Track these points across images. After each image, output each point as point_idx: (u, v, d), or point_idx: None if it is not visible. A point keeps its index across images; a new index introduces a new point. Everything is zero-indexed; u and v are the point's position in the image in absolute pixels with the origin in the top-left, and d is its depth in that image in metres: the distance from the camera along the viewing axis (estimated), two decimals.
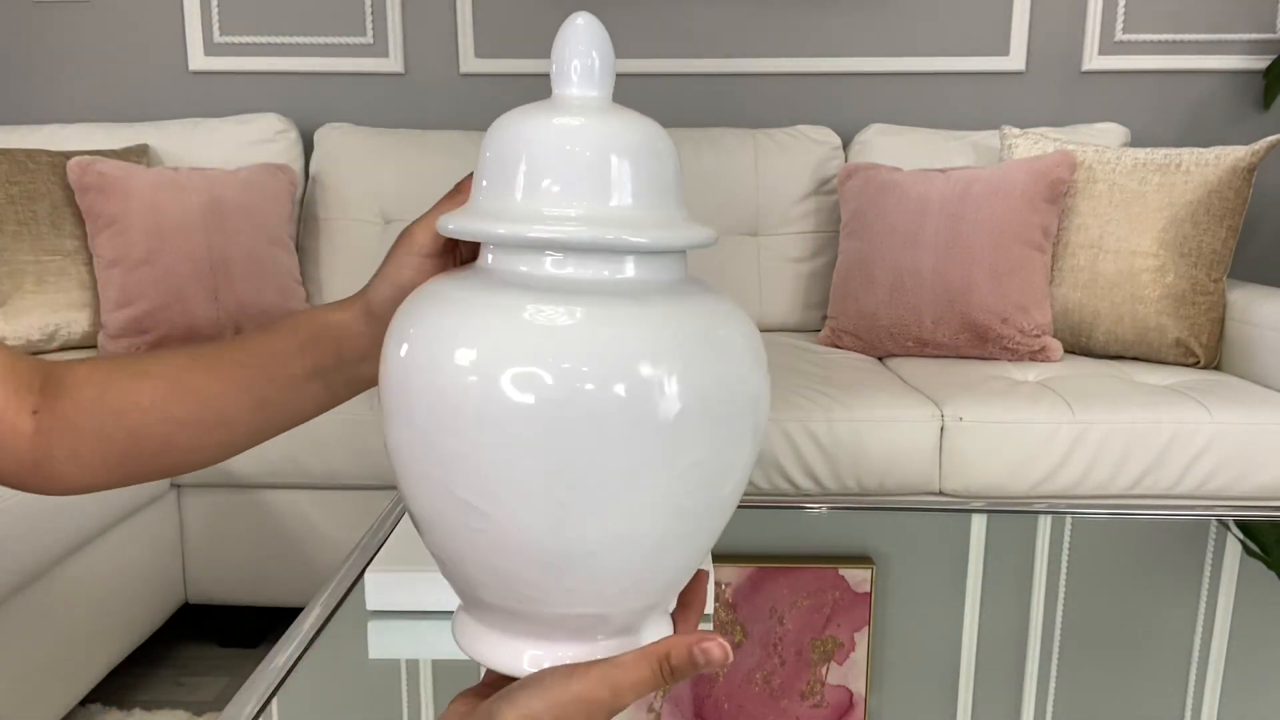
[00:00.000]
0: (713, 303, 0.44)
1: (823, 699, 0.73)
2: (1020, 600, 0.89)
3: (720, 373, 0.42)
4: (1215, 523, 1.09)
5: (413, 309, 0.44)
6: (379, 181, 2.19)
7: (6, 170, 1.92)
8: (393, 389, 0.44)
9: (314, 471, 1.64)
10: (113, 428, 0.56)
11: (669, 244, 0.43)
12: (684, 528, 0.43)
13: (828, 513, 1.13)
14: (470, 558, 0.44)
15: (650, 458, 0.40)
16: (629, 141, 0.44)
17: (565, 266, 0.43)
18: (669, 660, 0.44)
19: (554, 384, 0.39)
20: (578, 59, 0.45)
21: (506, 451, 0.40)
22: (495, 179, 0.44)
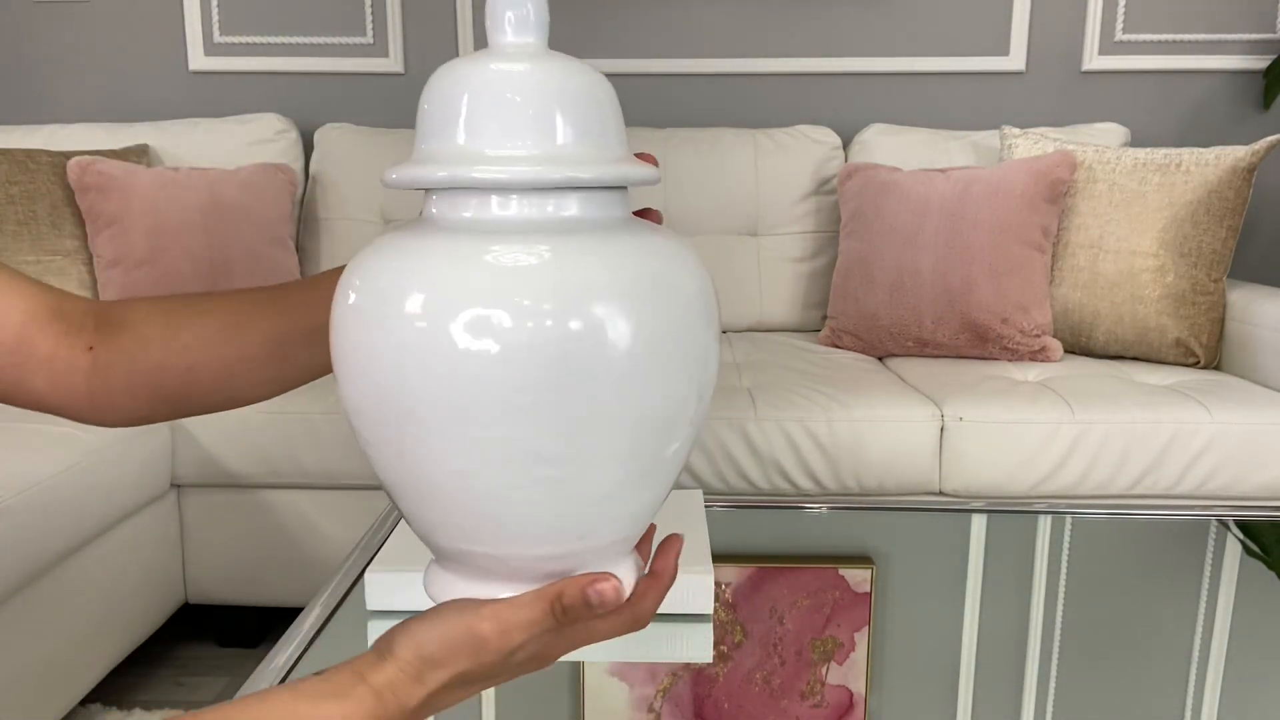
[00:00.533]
0: (671, 245, 0.45)
1: (823, 699, 0.73)
2: (1020, 600, 0.89)
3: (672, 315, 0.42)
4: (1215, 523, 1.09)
5: (361, 260, 0.44)
6: (379, 181, 2.19)
7: (6, 170, 1.92)
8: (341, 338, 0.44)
9: (314, 471, 1.64)
10: (174, 360, 0.59)
11: (616, 178, 0.43)
12: (628, 469, 0.43)
13: (828, 513, 1.13)
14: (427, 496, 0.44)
15: (603, 392, 0.41)
16: (568, 84, 0.44)
17: (509, 207, 0.43)
18: (561, 600, 0.44)
19: (514, 323, 0.39)
20: (511, 9, 0.45)
21: (462, 389, 0.40)
22: (435, 127, 0.44)
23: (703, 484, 1.60)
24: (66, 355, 0.58)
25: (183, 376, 0.60)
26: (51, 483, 1.37)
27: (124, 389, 0.59)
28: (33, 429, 1.47)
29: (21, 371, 0.57)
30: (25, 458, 1.37)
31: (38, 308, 0.58)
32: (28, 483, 1.33)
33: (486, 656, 0.44)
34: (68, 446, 1.43)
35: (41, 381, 0.58)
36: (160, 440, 1.62)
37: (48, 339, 0.57)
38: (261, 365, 0.60)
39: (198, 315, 0.60)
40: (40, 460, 1.38)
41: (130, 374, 0.59)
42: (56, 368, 0.58)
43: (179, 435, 1.64)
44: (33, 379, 0.57)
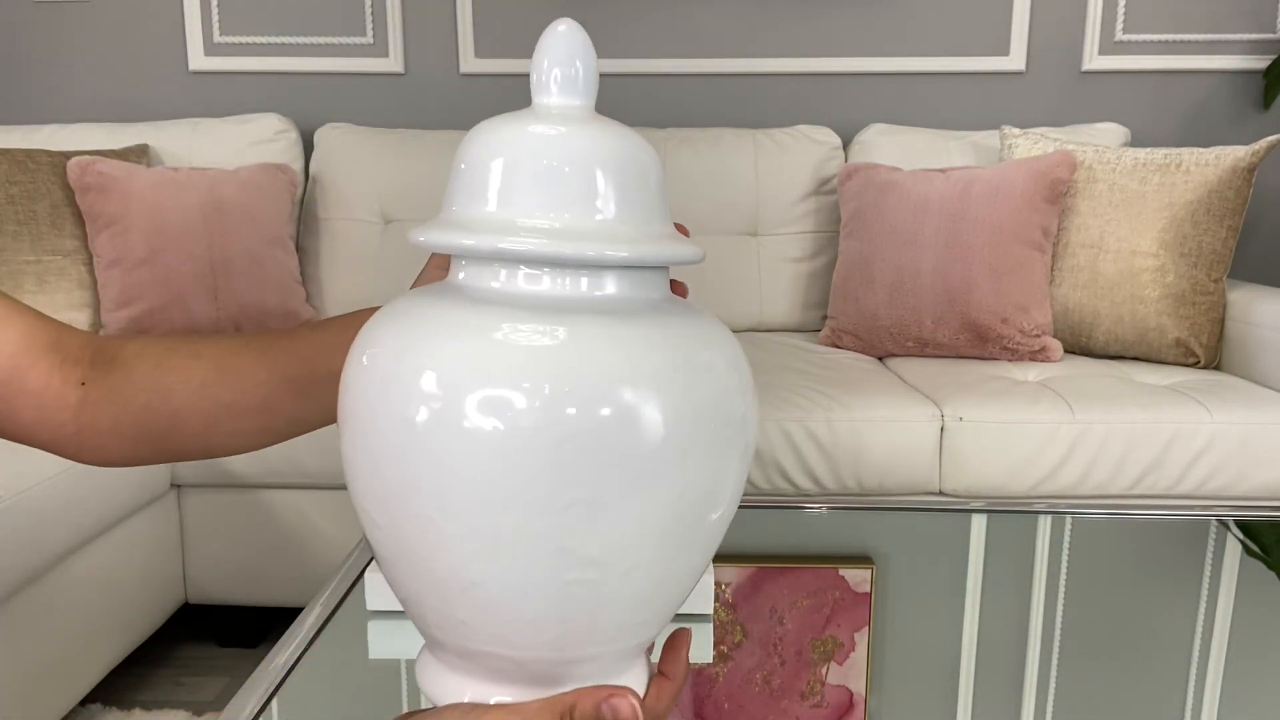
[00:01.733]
0: (698, 323, 0.42)
1: (823, 699, 0.73)
2: (1020, 600, 0.89)
3: (706, 397, 0.39)
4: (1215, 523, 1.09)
5: (378, 323, 0.42)
6: (379, 181, 2.19)
7: (6, 170, 1.92)
8: (349, 404, 0.42)
9: (314, 471, 1.64)
10: (159, 404, 0.58)
11: (653, 259, 0.40)
12: (655, 561, 0.40)
13: (828, 513, 1.13)
14: (427, 587, 0.41)
15: (627, 485, 0.37)
16: (611, 153, 0.41)
17: (540, 282, 0.40)
18: (572, 713, 0.41)
19: (533, 408, 0.36)
20: (559, 68, 0.42)
21: (472, 479, 0.37)
22: (468, 189, 0.41)
23: None
24: (58, 389, 0.57)
25: (169, 421, 0.59)
26: (51, 483, 1.37)
27: (111, 428, 0.59)
28: None
29: (11, 403, 0.57)
30: (25, 458, 1.37)
31: (33, 340, 0.57)
32: (28, 483, 1.33)
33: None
34: None
35: (30, 414, 0.57)
36: None
37: (40, 372, 0.57)
38: (247, 416, 0.60)
39: (188, 359, 0.60)
40: (40, 460, 1.38)
41: (118, 414, 0.58)
42: (46, 401, 0.57)
43: None
44: (21, 411, 0.57)
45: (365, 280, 2.17)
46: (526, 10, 2.35)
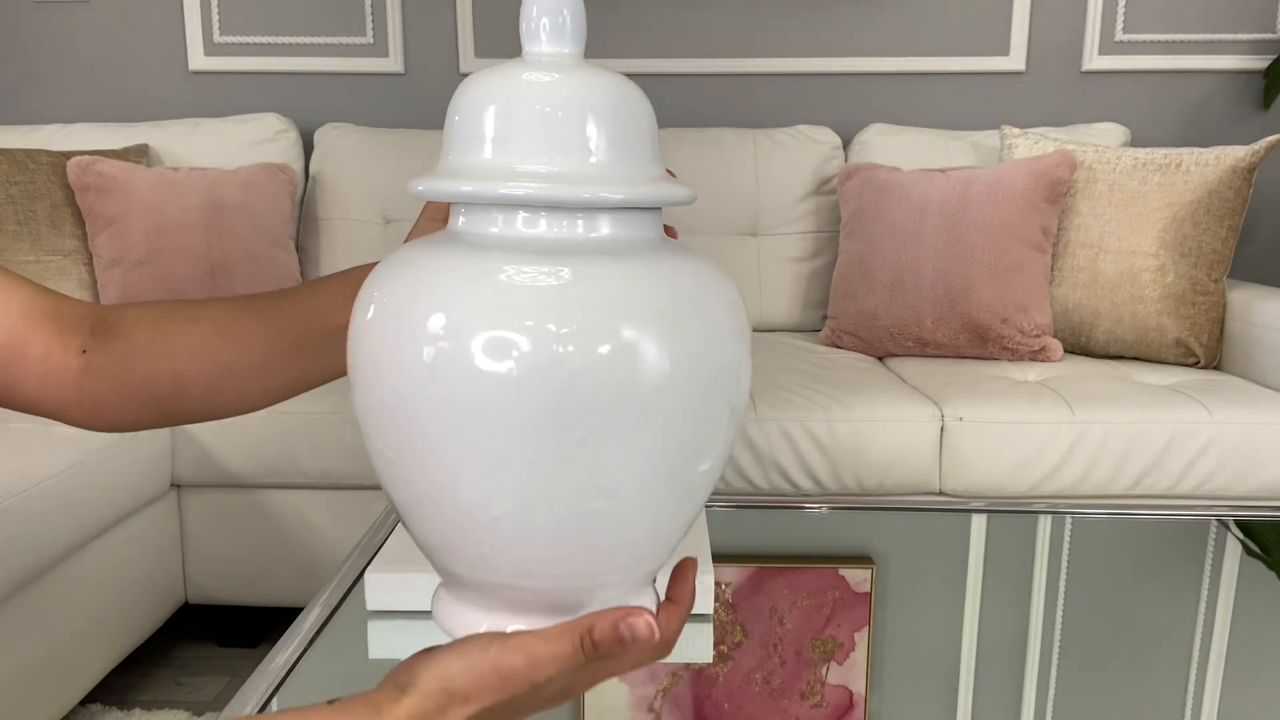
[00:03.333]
0: (695, 263, 0.43)
1: (823, 699, 0.73)
2: (1020, 600, 0.89)
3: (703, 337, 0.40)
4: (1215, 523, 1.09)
5: (383, 272, 0.43)
6: (379, 181, 2.19)
7: (6, 170, 1.92)
8: (359, 352, 0.42)
9: (314, 471, 1.64)
10: (161, 368, 0.59)
11: (648, 200, 0.41)
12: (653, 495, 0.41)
13: (828, 513, 1.13)
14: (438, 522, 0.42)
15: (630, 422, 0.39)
16: (603, 97, 0.42)
17: (538, 225, 0.41)
18: (592, 635, 0.42)
19: (536, 347, 0.37)
20: (547, 16, 0.43)
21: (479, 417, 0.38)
22: (464, 138, 0.42)
23: None
24: (59, 357, 0.58)
25: (170, 385, 0.60)
26: (51, 483, 1.37)
27: (114, 393, 0.59)
28: (33, 429, 1.47)
29: (13, 372, 0.57)
30: (25, 458, 1.38)
31: (33, 309, 0.58)
32: (28, 483, 1.33)
33: (514, 690, 0.42)
34: (68, 446, 1.43)
35: (32, 382, 0.58)
36: (160, 440, 1.62)
37: (41, 340, 0.58)
38: (248, 376, 0.60)
39: (187, 323, 0.60)
40: (40, 460, 1.38)
41: (121, 379, 0.59)
42: (48, 369, 0.58)
43: (179, 435, 1.64)
44: (24, 380, 0.58)
45: None
46: None
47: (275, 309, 0.61)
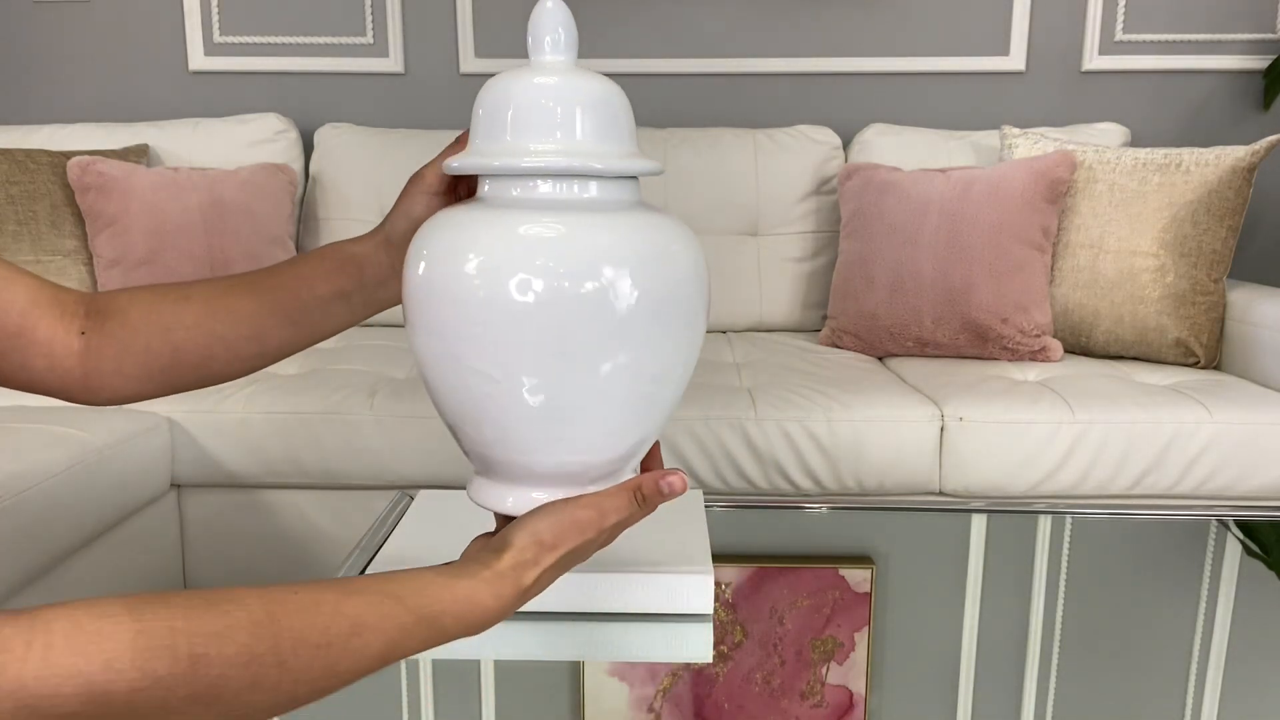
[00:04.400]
0: (667, 222, 0.58)
1: (823, 699, 0.73)
2: (1020, 600, 0.89)
3: (666, 276, 0.55)
4: (1215, 523, 1.09)
5: (427, 232, 0.57)
6: (379, 181, 2.19)
7: (6, 170, 1.92)
8: (416, 297, 0.56)
9: (314, 471, 1.64)
10: (159, 343, 0.65)
11: (622, 170, 0.56)
12: (640, 397, 0.56)
13: (828, 513, 1.13)
14: (483, 419, 0.56)
15: (612, 339, 0.53)
16: (592, 94, 0.57)
17: (545, 189, 0.56)
18: (641, 490, 0.58)
19: (543, 282, 0.52)
20: (549, 34, 0.58)
21: (508, 334, 0.53)
22: (488, 127, 0.57)
23: (703, 484, 1.60)
24: (62, 339, 0.63)
25: (170, 356, 0.66)
26: (51, 483, 1.37)
27: (114, 370, 0.65)
28: (33, 429, 1.47)
29: (23, 355, 0.63)
30: (25, 458, 1.38)
31: (37, 296, 0.63)
32: (28, 483, 1.33)
33: (587, 535, 0.55)
34: (68, 446, 1.43)
35: (41, 363, 0.63)
36: (160, 440, 1.62)
37: (46, 325, 0.63)
38: (241, 344, 0.67)
39: (180, 300, 0.66)
40: (40, 460, 1.38)
41: (120, 356, 0.65)
42: (54, 350, 0.63)
43: (179, 435, 1.64)
44: (33, 361, 0.63)
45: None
46: (526, 10, 2.35)
47: (262, 282, 0.67)
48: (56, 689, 0.40)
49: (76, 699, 0.40)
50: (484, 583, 0.53)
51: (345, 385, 1.67)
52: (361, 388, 1.67)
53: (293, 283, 0.67)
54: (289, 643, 0.47)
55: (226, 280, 0.68)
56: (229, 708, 0.45)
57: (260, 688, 0.46)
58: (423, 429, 1.61)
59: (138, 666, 0.42)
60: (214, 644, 0.44)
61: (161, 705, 0.42)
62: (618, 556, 0.84)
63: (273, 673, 0.46)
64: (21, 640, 0.40)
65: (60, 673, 0.40)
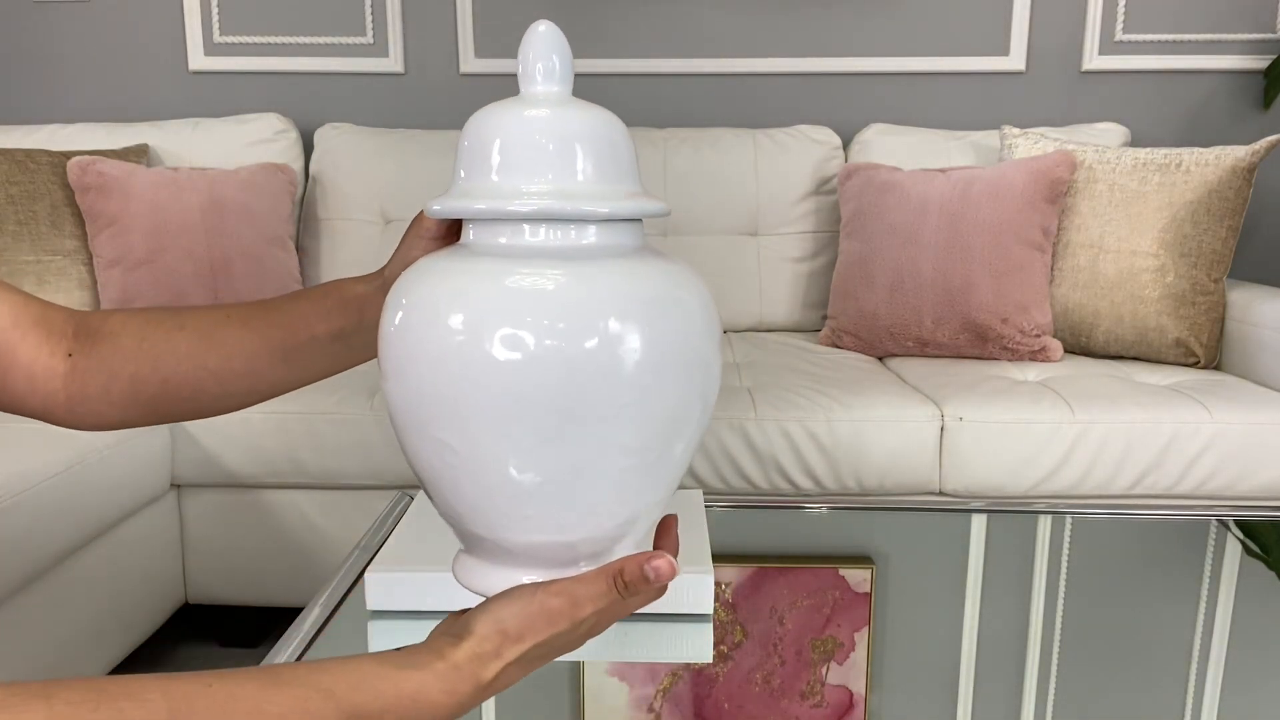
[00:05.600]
0: (675, 269, 0.50)
1: (823, 699, 0.73)
2: (1020, 600, 0.89)
3: (677, 330, 0.48)
4: (1215, 523, 1.09)
5: (407, 281, 0.50)
6: (379, 181, 2.19)
7: (6, 170, 1.92)
8: (390, 349, 0.49)
9: (314, 471, 1.64)
10: (148, 372, 0.63)
11: (625, 213, 0.49)
12: (636, 467, 0.49)
13: (828, 513, 1.13)
14: (455, 490, 0.50)
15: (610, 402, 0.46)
16: (588, 128, 0.50)
17: (538, 235, 0.49)
18: (623, 575, 0.49)
19: (533, 339, 0.45)
20: (541, 61, 0.51)
21: (493, 397, 0.46)
22: (473, 164, 0.51)
23: (703, 484, 1.60)
24: (46, 361, 0.61)
25: (158, 386, 0.63)
26: (51, 483, 1.37)
27: (100, 395, 0.62)
28: (33, 429, 1.47)
29: (4, 376, 0.61)
30: (25, 458, 1.37)
31: (21, 315, 0.61)
32: (28, 483, 1.33)
33: (558, 627, 0.49)
34: (67, 446, 1.43)
35: (22, 384, 0.61)
36: (160, 440, 1.62)
37: (30, 345, 0.61)
38: (232, 380, 0.64)
39: (174, 330, 0.64)
40: (40, 460, 1.38)
41: (108, 381, 0.62)
42: (36, 372, 0.61)
43: (179, 435, 1.64)
44: (14, 383, 0.61)
45: None
46: (526, 10, 2.35)
47: (258, 318, 0.65)
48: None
49: None
50: (436, 676, 0.47)
51: (345, 385, 1.67)
52: (361, 388, 1.67)
53: (291, 320, 0.65)
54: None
55: (223, 310, 0.65)
56: None
57: None
58: None
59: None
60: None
61: None
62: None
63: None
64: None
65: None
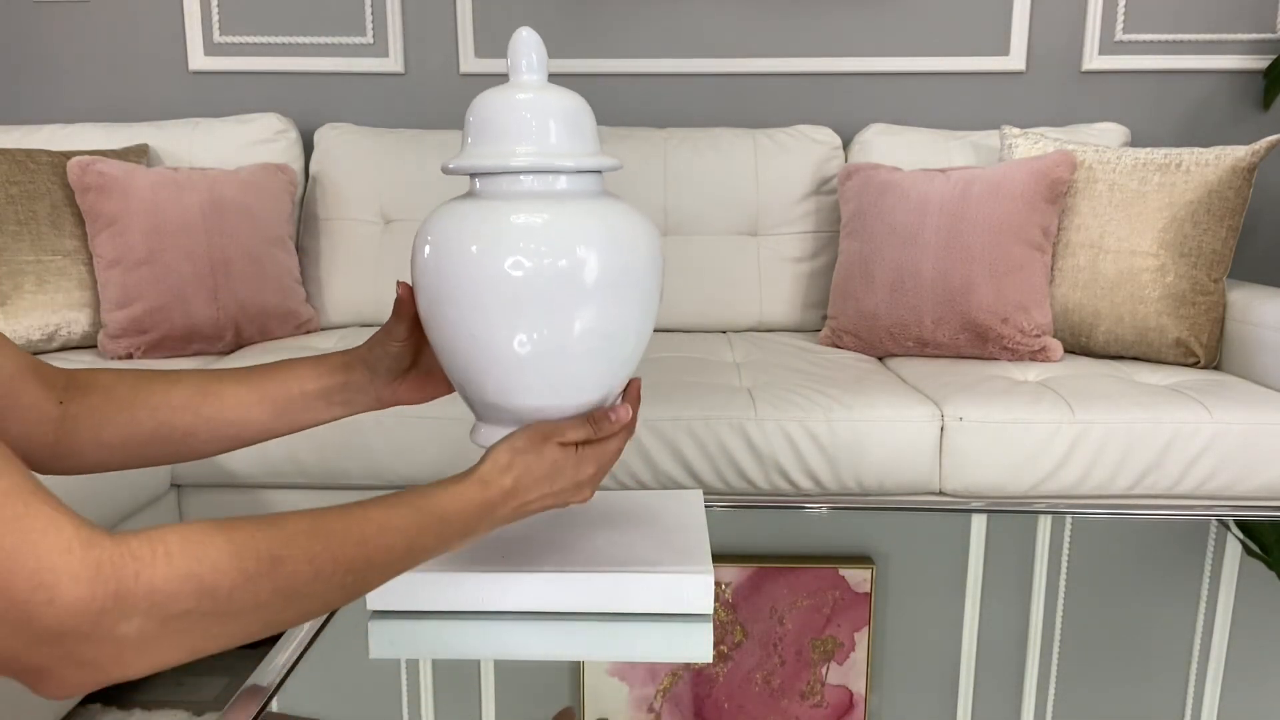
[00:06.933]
0: (625, 209, 0.73)
1: (823, 699, 0.73)
2: (1020, 600, 0.89)
3: (625, 253, 0.71)
4: (1215, 523, 1.09)
5: (432, 222, 0.72)
6: (379, 181, 2.19)
7: (6, 170, 1.92)
8: (425, 275, 0.71)
9: (314, 471, 1.64)
10: (144, 417, 0.72)
11: (587, 166, 0.72)
12: (600, 349, 0.72)
13: (828, 513, 1.13)
14: (478, 368, 0.72)
15: (581, 303, 0.70)
16: (559, 106, 0.72)
17: (526, 183, 0.72)
18: (592, 415, 0.74)
19: (529, 260, 0.68)
20: (524, 58, 0.74)
21: (502, 299, 0.69)
22: (478, 133, 0.72)
23: (703, 484, 1.60)
24: (42, 406, 0.68)
25: (152, 431, 0.72)
26: (51, 483, 1.37)
27: (91, 438, 0.70)
28: None
29: (5, 417, 0.66)
30: None
31: (22, 364, 0.67)
32: None
33: (551, 442, 0.71)
34: None
35: (17, 428, 0.66)
36: None
37: (29, 391, 0.67)
38: (224, 427, 0.74)
39: (171, 384, 0.73)
40: None
41: (99, 425, 0.70)
42: (32, 416, 0.67)
43: None
44: (11, 426, 0.66)
45: (365, 280, 2.18)
46: (526, 10, 2.35)
47: (254, 375, 0.76)
48: (178, 589, 0.50)
49: (192, 596, 0.50)
50: (472, 482, 0.68)
51: None
52: None
53: (284, 375, 0.76)
54: (337, 541, 0.59)
55: (218, 371, 0.76)
56: (301, 599, 0.56)
57: (320, 578, 0.57)
58: (423, 429, 1.61)
59: (235, 567, 0.52)
60: (285, 547, 0.56)
61: (253, 599, 0.53)
62: (618, 556, 0.84)
63: (328, 566, 0.58)
64: (148, 550, 0.49)
65: (179, 575, 0.50)
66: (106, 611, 0.47)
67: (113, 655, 0.48)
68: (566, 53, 2.36)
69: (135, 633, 0.48)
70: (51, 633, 0.46)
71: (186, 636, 0.51)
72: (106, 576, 0.47)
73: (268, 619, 0.55)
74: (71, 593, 0.46)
